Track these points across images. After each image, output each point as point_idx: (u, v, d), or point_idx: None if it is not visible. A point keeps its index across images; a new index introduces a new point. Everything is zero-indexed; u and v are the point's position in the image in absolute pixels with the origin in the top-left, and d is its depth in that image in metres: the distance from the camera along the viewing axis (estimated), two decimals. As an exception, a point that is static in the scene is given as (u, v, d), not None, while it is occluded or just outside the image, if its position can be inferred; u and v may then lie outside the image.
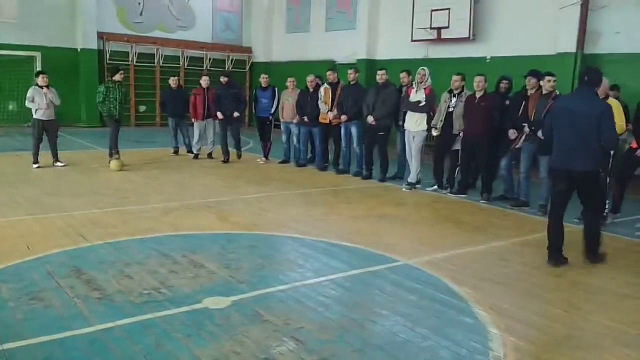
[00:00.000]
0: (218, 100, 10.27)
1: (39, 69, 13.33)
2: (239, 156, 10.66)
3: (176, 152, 11.19)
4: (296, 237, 5.54)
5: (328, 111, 9.29)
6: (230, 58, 18.91)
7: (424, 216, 6.79)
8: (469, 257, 5.12)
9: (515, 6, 11.95)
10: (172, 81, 11.17)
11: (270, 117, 10.45)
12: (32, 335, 3.18)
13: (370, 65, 14.32)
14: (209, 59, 18.32)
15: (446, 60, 12.62)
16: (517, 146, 7.16)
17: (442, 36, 13.06)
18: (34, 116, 8.87)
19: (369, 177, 9.04)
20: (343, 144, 9.41)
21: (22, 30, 14.71)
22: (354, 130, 9.08)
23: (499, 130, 7.41)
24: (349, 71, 9.20)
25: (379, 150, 8.84)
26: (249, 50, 19.44)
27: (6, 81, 14.12)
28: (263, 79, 10.45)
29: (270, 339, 3.24)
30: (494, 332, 3.48)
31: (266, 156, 10.63)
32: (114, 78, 9.51)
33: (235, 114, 10.12)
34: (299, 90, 10.01)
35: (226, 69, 18.71)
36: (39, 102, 8.75)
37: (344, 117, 9.01)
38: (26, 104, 8.91)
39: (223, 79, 10.32)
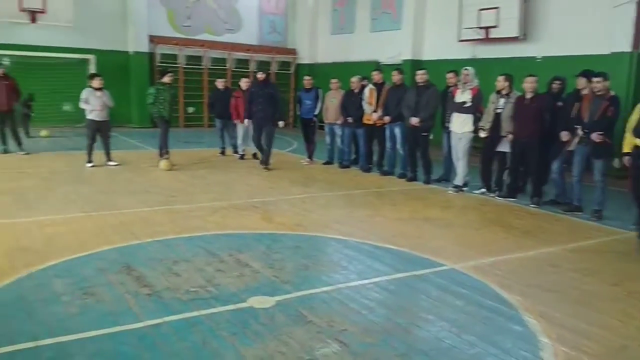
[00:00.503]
0: (251, 99, 9.65)
1: (92, 71, 13.84)
2: (266, 168, 9.66)
3: (223, 152, 11.39)
4: (340, 239, 5.53)
5: (373, 112, 9.24)
6: (276, 60, 19.10)
7: (471, 220, 6.65)
8: (517, 262, 4.97)
9: (568, 4, 11.56)
10: (220, 83, 11.37)
11: (314, 119, 10.48)
12: (84, 329, 3.28)
13: (416, 66, 14.07)
14: (255, 61, 18.55)
15: (495, 61, 12.34)
16: (569, 149, 6.91)
17: (491, 36, 12.78)
18: (88, 117, 9.20)
19: (413, 179, 8.93)
20: (388, 145, 9.34)
21: (77, 34, 15.32)
22: (398, 131, 8.99)
23: (550, 132, 7.17)
24: (394, 73, 9.11)
25: (421, 152, 8.71)
26: (293, 52, 19.58)
27: (62, 83, 14.72)
28: (306, 81, 10.49)
29: (314, 341, 3.24)
30: (544, 341, 3.37)
31: (310, 157, 10.68)
32: (163, 80, 9.77)
33: (281, 124, 9.70)
34: (343, 92, 10.01)
35: (272, 71, 18.93)
36: (93, 104, 9.07)
37: (387, 118, 8.95)
38: (80, 105, 9.26)
39: (260, 75, 9.70)
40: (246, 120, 9.87)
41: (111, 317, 3.45)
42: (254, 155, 10.92)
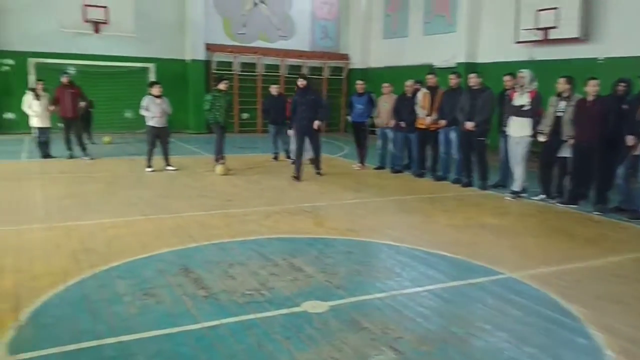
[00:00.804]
0: (294, 108, 9.35)
1: (152, 79, 14.36)
2: (319, 173, 9.56)
3: (276, 157, 11.53)
4: (392, 245, 5.47)
5: (426, 116, 9.13)
6: (328, 65, 19.20)
7: (530, 227, 6.43)
8: (580, 272, 4.77)
9: (630, 3, 11.05)
10: (274, 89, 11.53)
11: (366, 123, 10.46)
12: (144, 329, 3.40)
13: (471, 69, 13.83)
14: (307, 67, 18.72)
15: (554, 62, 11.95)
16: (635, 153, 6.58)
17: (550, 37, 12.37)
18: (148, 124, 9.55)
19: (469, 184, 8.74)
20: (442, 149, 9.19)
21: (138, 44, 15.94)
22: (453, 136, 8.83)
23: (615, 136, 6.85)
24: (451, 76, 8.95)
25: (477, 157, 8.52)
26: (346, 57, 19.63)
27: (123, 91, 15.35)
28: (359, 85, 10.51)
29: (368, 347, 3.21)
30: (610, 354, 3.21)
31: (362, 162, 10.65)
32: (219, 87, 10.02)
33: (316, 124, 9.09)
34: (395, 96, 9.94)
35: (324, 76, 19.05)
36: (153, 110, 9.41)
37: (443, 122, 8.81)
38: (140, 112, 9.61)
39: (300, 82, 9.25)
40: (289, 131, 9.53)
41: (170, 318, 3.56)
42: (311, 161, 11.00)
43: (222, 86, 10.00)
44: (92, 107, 13.48)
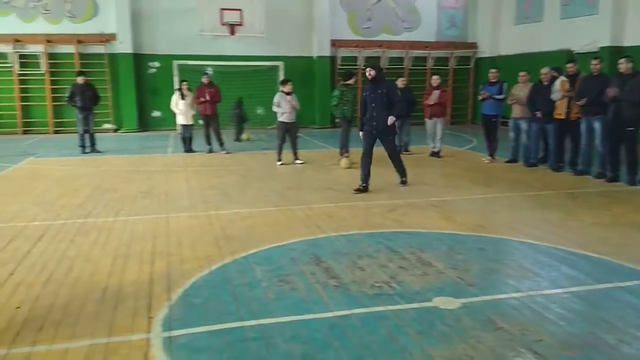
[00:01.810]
0: (363, 105, 7.69)
1: (282, 77, 14.97)
2: (403, 182, 8.01)
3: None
4: (529, 243, 5.18)
5: (562, 96, 8.46)
6: (454, 55, 18.60)
7: (691, 227, 5.72)
8: None
9: None
10: (400, 82, 11.45)
11: (497, 114, 9.99)
12: (281, 314, 3.57)
13: (616, 53, 12.59)
14: (433, 58, 18.30)
15: None
16: None
17: None
18: (279, 119, 9.99)
19: (614, 179, 7.98)
20: (583, 141, 8.48)
21: (268, 43, 16.69)
22: (597, 125, 8.11)
23: None
24: (594, 61, 8.22)
25: (626, 148, 7.74)
26: (473, 45, 18.86)
27: (255, 89, 16.18)
28: (492, 73, 10.08)
29: (505, 348, 3.08)
30: None
31: (492, 155, 10.21)
32: (347, 82, 10.18)
33: (391, 119, 7.45)
34: (531, 84, 9.36)
35: (449, 66, 18.50)
36: (284, 107, 9.84)
37: (583, 101, 8.07)
38: (273, 108, 10.09)
39: (369, 72, 7.51)
40: (361, 133, 7.79)
41: (304, 305, 3.70)
42: (434, 154, 10.80)
43: (351, 81, 10.15)
44: (243, 104, 14.33)
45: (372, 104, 7.51)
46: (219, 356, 3.03)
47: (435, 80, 10.98)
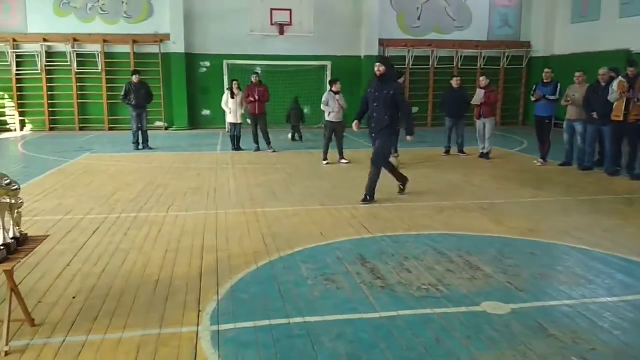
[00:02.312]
0: (365, 103, 7.23)
1: (329, 77, 15.01)
2: (401, 189, 7.49)
3: (447, 151, 11.28)
4: (582, 249, 5.01)
5: (619, 97, 8.12)
6: (506, 55, 18.15)
7: None
8: None
9: None
10: (454, 81, 11.29)
11: (550, 115, 9.69)
12: (326, 312, 3.59)
13: (681, 52, 12.03)
14: (483, 57, 17.91)
15: None
16: None
17: None
18: (326, 118, 10.03)
19: (676, 185, 7.62)
20: (642, 145, 8.13)
21: (317, 42, 16.75)
22: (658, 129, 7.76)
23: None
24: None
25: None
26: (526, 45, 18.34)
27: (302, 88, 16.27)
28: (546, 73, 9.78)
29: (556, 356, 3.00)
30: None
31: (544, 158, 9.91)
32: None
33: (409, 139, 7.15)
34: (587, 85, 9.04)
35: (501, 66, 18.08)
36: (332, 106, 9.89)
37: None
38: (321, 107, 10.14)
39: (377, 68, 6.88)
40: (354, 122, 7.37)
41: (350, 304, 3.71)
42: (483, 155, 10.59)
43: (400, 80, 10.06)
44: (299, 102, 14.44)
45: (374, 102, 6.92)
46: (266, 351, 3.08)
47: (482, 80, 10.76)
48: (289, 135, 13.88)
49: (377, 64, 6.89)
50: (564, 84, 9.66)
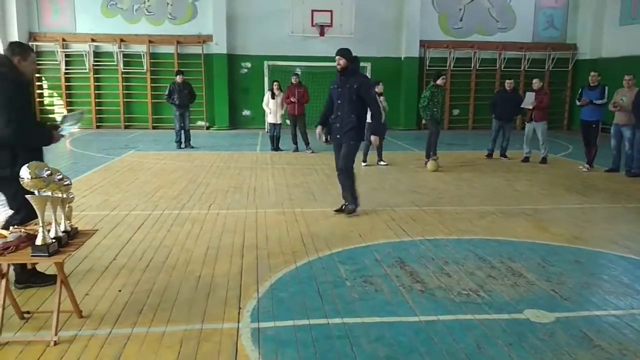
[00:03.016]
0: (329, 102, 6.45)
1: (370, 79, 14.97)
2: (349, 209, 6.35)
3: (490, 155, 11.09)
4: (630, 258, 4.84)
5: None
6: (551, 57, 17.69)
7: None
8: None
9: None
10: (508, 84, 11.10)
11: (598, 120, 9.40)
12: (365, 314, 3.59)
13: None
14: (528, 59, 17.52)
15: None
16: None
17: None
18: (367, 120, 9.96)
19: None
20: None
21: (357, 44, 16.63)
22: None
23: None
24: None
25: None
26: (573, 47, 17.84)
27: (342, 89, 16.27)
28: (592, 77, 9.50)
29: (603, 368, 2.91)
30: None
31: (590, 163, 9.62)
32: (437, 83, 10.00)
33: (374, 140, 6.88)
34: (636, 89, 8.73)
35: (546, 68, 17.65)
36: (374, 108, 9.86)
37: None
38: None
39: (338, 61, 6.12)
40: (318, 129, 6.59)
41: (389, 307, 3.69)
42: (526, 159, 10.38)
43: (440, 82, 9.97)
44: None
45: (337, 100, 6.10)
46: (305, 350, 3.10)
47: (536, 83, 10.50)
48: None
49: (337, 57, 6.02)
50: (611, 88, 9.36)
